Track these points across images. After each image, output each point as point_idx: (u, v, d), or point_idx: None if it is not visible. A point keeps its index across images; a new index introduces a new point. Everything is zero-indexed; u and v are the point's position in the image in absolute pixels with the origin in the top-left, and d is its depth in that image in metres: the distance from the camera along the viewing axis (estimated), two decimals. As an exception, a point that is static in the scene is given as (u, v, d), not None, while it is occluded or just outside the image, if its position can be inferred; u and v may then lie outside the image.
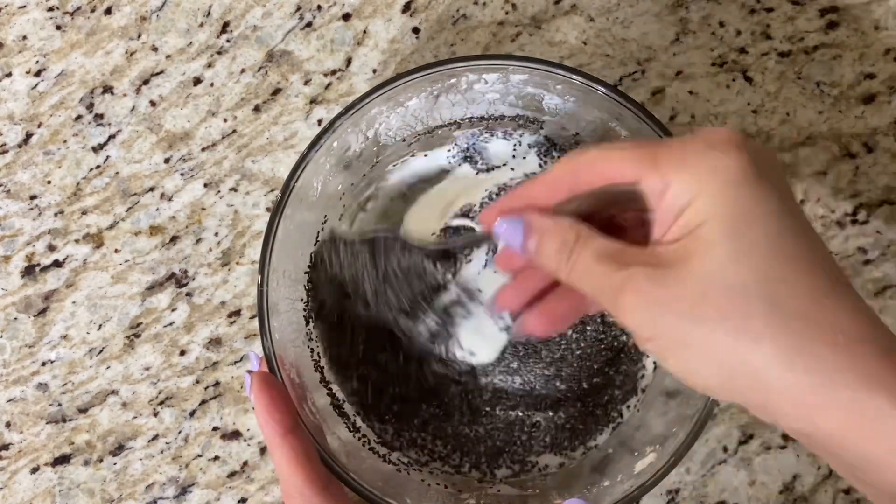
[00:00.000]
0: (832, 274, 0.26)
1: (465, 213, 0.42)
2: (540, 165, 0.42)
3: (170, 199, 0.45)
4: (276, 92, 0.45)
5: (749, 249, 0.26)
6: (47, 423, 0.44)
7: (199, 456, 0.44)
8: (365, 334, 0.40)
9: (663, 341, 0.27)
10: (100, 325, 0.45)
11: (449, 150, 0.43)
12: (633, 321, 0.27)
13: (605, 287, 0.28)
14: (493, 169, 0.42)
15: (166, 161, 0.45)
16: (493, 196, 0.42)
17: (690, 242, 0.27)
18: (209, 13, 0.45)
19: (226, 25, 0.45)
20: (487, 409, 0.42)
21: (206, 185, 0.45)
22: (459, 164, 0.43)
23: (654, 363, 0.42)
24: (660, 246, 0.28)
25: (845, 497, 0.43)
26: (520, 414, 0.42)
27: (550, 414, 0.41)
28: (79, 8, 0.45)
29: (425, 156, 0.43)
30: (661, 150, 0.28)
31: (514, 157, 0.42)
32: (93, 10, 0.45)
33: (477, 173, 0.43)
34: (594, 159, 0.29)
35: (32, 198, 0.45)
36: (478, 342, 0.41)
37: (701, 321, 0.26)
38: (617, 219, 0.32)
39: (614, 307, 0.28)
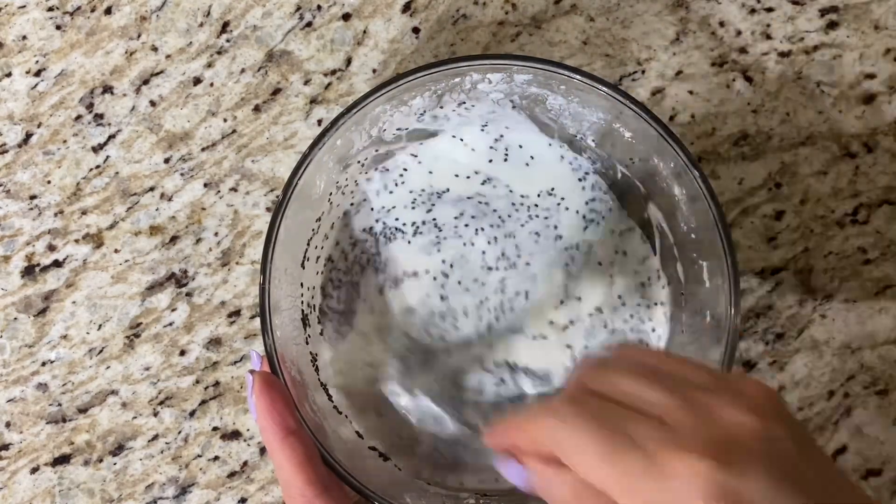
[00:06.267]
0: None
1: None
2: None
3: (170, 199, 0.45)
4: (276, 92, 0.45)
5: None
6: (47, 423, 0.44)
7: (199, 456, 0.44)
8: None
9: None
10: (100, 325, 0.44)
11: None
12: None
13: None
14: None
15: (166, 161, 0.45)
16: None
17: None
18: (209, 13, 0.45)
19: (226, 25, 0.45)
20: None
21: (206, 185, 0.45)
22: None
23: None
24: None
25: (845, 496, 0.43)
26: None
27: None
28: (79, 8, 0.45)
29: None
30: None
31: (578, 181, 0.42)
32: (93, 10, 0.45)
33: None
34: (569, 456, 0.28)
35: (32, 198, 0.45)
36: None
37: None
38: None
39: None
